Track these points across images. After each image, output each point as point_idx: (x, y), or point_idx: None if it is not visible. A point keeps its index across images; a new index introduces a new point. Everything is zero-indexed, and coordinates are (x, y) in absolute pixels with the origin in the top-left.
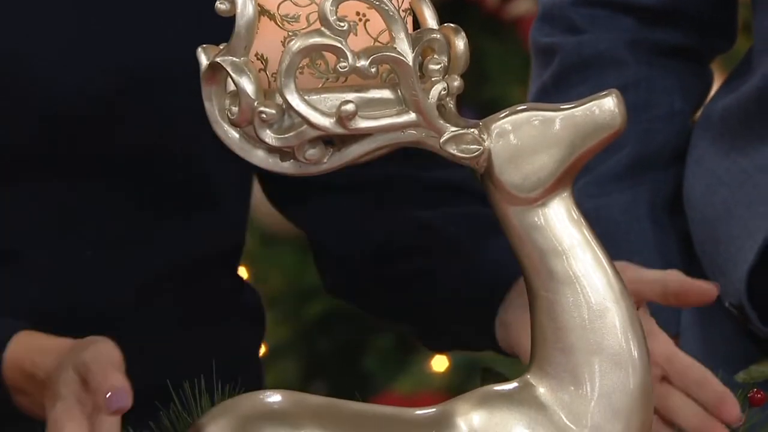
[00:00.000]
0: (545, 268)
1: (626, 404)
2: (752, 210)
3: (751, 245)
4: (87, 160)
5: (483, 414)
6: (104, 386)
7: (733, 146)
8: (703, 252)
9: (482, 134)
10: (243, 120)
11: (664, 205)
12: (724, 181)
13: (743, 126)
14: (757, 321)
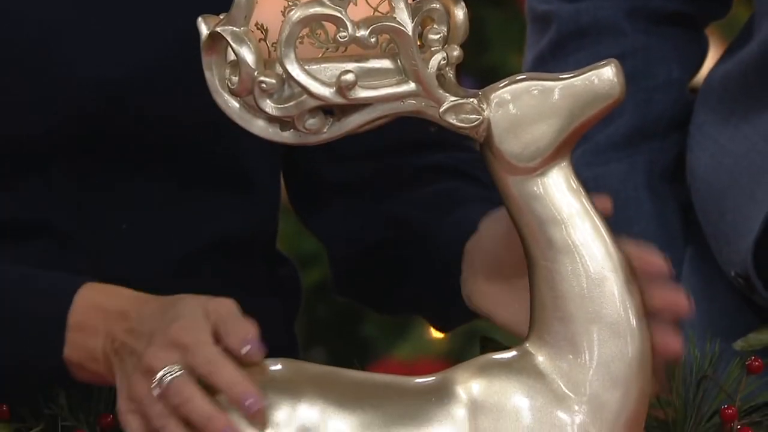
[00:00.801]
0: (544, 237)
1: (624, 372)
2: (758, 179)
3: (757, 215)
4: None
5: (482, 382)
6: (240, 335)
7: (734, 113)
8: (707, 222)
9: (482, 104)
10: (243, 90)
11: (662, 174)
12: (728, 149)
13: (744, 93)
14: (762, 290)
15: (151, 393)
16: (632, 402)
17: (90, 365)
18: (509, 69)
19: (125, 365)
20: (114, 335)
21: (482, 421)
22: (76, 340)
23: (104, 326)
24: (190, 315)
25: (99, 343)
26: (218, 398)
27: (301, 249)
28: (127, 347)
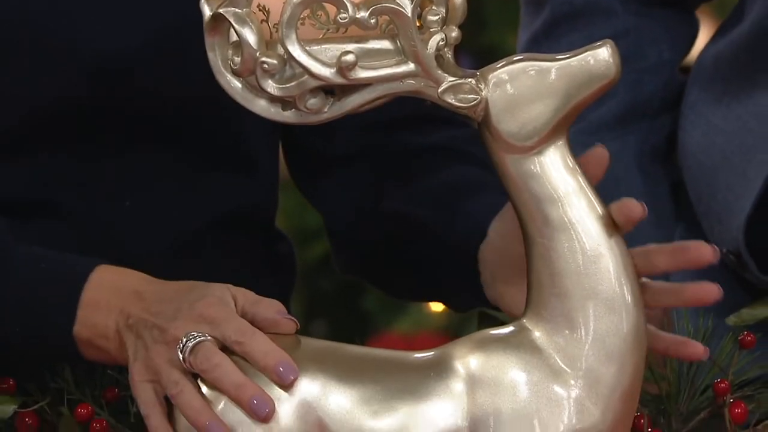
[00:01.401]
0: (541, 215)
1: (620, 347)
2: (749, 157)
3: (748, 193)
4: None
5: (480, 357)
6: (273, 307)
7: (725, 92)
8: (699, 200)
9: (480, 84)
10: (245, 70)
11: (653, 154)
12: (720, 128)
13: (735, 72)
14: (754, 268)
15: (171, 361)
16: (627, 376)
17: (99, 342)
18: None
19: (142, 338)
20: (129, 313)
21: (480, 395)
22: (88, 317)
23: (118, 304)
24: (216, 294)
25: (111, 321)
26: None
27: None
28: (147, 323)
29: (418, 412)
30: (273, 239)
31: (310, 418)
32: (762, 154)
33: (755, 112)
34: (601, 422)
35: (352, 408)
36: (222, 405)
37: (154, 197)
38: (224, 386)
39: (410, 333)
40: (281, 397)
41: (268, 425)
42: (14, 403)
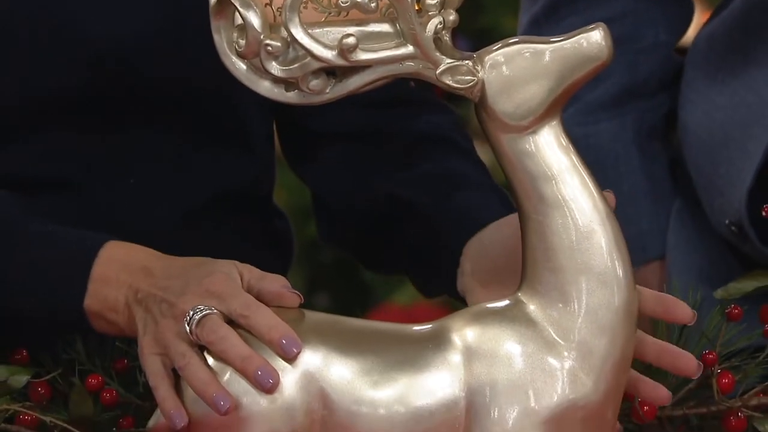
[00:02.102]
0: (535, 193)
1: (611, 320)
2: (748, 132)
3: (749, 166)
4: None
5: (476, 330)
6: (278, 282)
7: (721, 68)
8: (700, 174)
9: (476, 66)
10: (250, 52)
11: (650, 132)
12: (719, 105)
13: (729, 49)
14: (755, 238)
15: (179, 334)
16: (618, 348)
17: (109, 315)
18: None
19: (151, 312)
20: (138, 288)
21: (476, 367)
22: (98, 291)
23: (127, 279)
24: (223, 270)
25: (121, 295)
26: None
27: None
28: (156, 297)
29: (416, 383)
30: (271, 215)
31: (313, 388)
32: (759, 127)
33: (751, 86)
34: (593, 392)
35: (353, 378)
36: (228, 376)
37: (158, 175)
38: (230, 358)
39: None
40: (284, 368)
41: (272, 395)
42: (28, 374)
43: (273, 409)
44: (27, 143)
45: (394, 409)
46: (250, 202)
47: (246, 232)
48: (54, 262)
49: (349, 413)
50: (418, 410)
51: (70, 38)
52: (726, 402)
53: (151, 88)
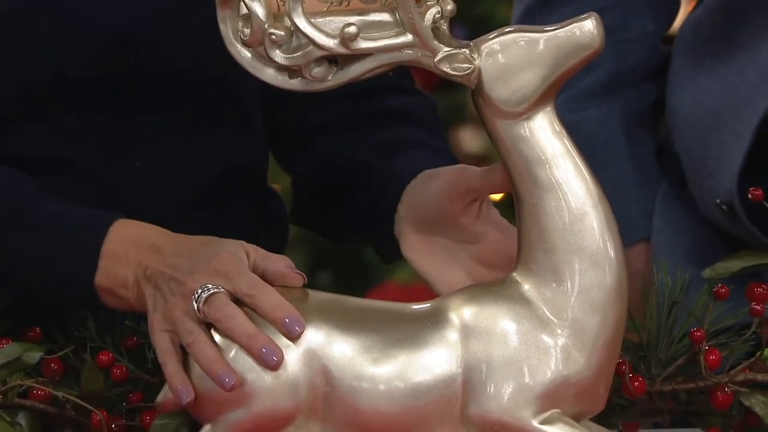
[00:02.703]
0: (530, 176)
1: (603, 299)
2: (737, 114)
3: (739, 147)
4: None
5: (473, 308)
6: (283, 262)
7: (708, 55)
8: (690, 157)
9: (473, 54)
10: (254, 41)
11: (638, 119)
12: (707, 89)
13: (714, 34)
14: (744, 217)
15: (187, 312)
16: (610, 326)
17: (119, 291)
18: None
19: (161, 289)
20: (147, 265)
21: (473, 344)
22: (108, 268)
23: (136, 256)
24: (230, 250)
25: (130, 271)
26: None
27: None
28: (165, 275)
29: (415, 360)
30: (267, 196)
31: (315, 364)
32: (747, 109)
33: (737, 69)
34: (585, 368)
35: (354, 355)
36: (233, 353)
37: (162, 157)
38: (235, 335)
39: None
40: (288, 345)
41: (276, 372)
42: (41, 350)
43: (277, 384)
44: (33, 126)
45: (393, 384)
46: (249, 183)
47: (245, 213)
48: (65, 240)
49: (350, 389)
50: (416, 386)
51: (74, 23)
52: (713, 378)
53: (155, 73)
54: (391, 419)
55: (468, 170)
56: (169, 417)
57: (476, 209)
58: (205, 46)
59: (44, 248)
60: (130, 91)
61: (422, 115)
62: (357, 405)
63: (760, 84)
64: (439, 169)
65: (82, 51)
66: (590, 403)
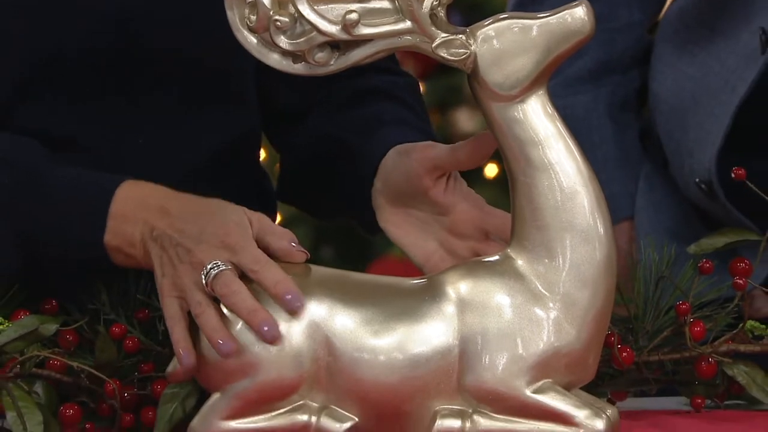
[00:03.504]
0: (523, 157)
1: (593, 274)
2: (715, 97)
3: (717, 129)
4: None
5: (469, 283)
6: (286, 237)
7: (690, 41)
8: (671, 139)
9: (469, 39)
10: (260, 27)
11: (623, 104)
12: (688, 74)
13: (697, 23)
14: (722, 195)
15: (196, 283)
16: (600, 300)
17: (127, 249)
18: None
19: (167, 253)
20: (153, 225)
21: (469, 317)
22: (117, 227)
23: (143, 216)
24: (236, 221)
25: (137, 231)
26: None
27: None
28: (172, 239)
29: (414, 332)
30: (260, 175)
31: (318, 336)
32: (725, 93)
33: (717, 56)
34: (576, 340)
35: (356, 328)
36: (239, 326)
37: (163, 134)
38: (238, 310)
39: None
40: (292, 318)
41: (281, 344)
42: (57, 322)
43: (282, 356)
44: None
45: (393, 355)
46: (245, 160)
47: (242, 189)
48: (76, 202)
49: (351, 359)
50: (415, 357)
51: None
52: (698, 348)
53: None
54: (390, 389)
55: (435, 147)
56: (178, 386)
57: (444, 183)
58: (205, 27)
59: (56, 211)
60: (131, 71)
61: (403, 94)
62: (358, 375)
63: (738, 69)
64: (410, 145)
65: (82, 31)
66: (581, 373)
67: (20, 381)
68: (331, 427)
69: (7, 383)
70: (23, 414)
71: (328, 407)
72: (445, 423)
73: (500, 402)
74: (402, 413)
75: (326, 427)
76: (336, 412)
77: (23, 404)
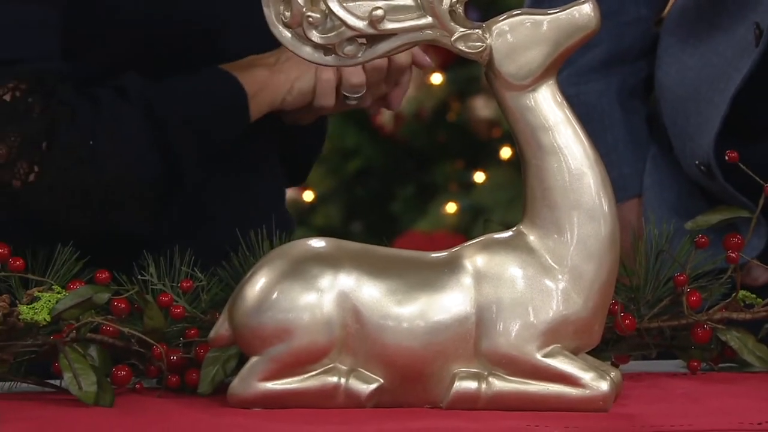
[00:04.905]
0: (535, 141)
1: (598, 248)
2: (714, 86)
3: (715, 115)
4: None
5: (485, 256)
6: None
7: (690, 34)
8: (674, 124)
9: (485, 34)
10: (294, 23)
11: (631, 92)
12: (689, 65)
13: (698, 18)
14: (720, 176)
15: None
16: (605, 272)
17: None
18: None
19: None
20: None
21: (485, 288)
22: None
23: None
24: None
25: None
26: None
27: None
28: None
29: (434, 301)
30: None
31: (347, 305)
32: (723, 82)
33: (715, 49)
34: (583, 309)
35: (381, 297)
36: (275, 295)
37: None
38: None
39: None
40: (324, 289)
41: (312, 310)
42: (109, 292)
43: (314, 323)
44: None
45: (415, 323)
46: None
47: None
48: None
49: (377, 326)
50: (435, 324)
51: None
52: (694, 316)
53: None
54: (413, 353)
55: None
56: (220, 350)
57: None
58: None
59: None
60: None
61: None
62: (383, 341)
63: (734, 60)
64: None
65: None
66: (587, 338)
67: (76, 345)
68: (359, 387)
69: (64, 347)
70: (78, 375)
71: (355, 370)
72: (463, 384)
73: (513, 365)
74: (423, 375)
75: (354, 387)
76: (363, 374)
77: (78, 366)
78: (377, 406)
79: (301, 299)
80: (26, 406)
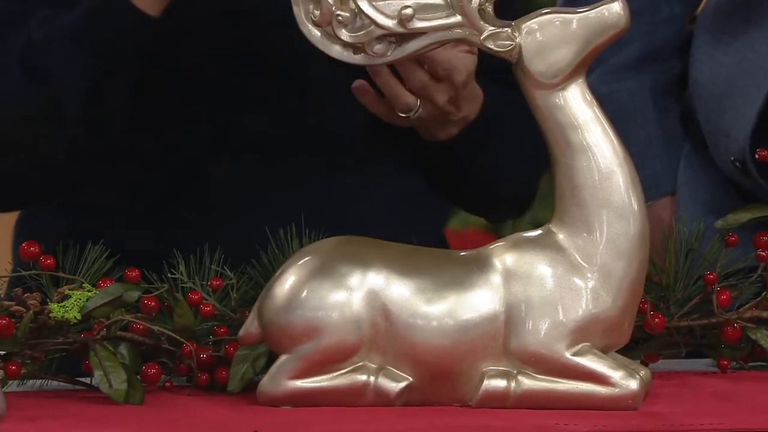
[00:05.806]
0: (564, 140)
1: (628, 247)
2: (749, 82)
3: (751, 110)
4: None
5: (514, 255)
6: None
7: (724, 31)
8: (709, 121)
9: (514, 32)
10: (323, 21)
11: (664, 90)
12: (723, 62)
13: (732, 15)
14: (755, 172)
15: None
16: (634, 270)
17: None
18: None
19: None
20: None
21: (514, 286)
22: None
23: None
24: None
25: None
26: None
27: None
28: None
29: (463, 300)
30: None
31: (377, 303)
32: (758, 78)
33: (750, 45)
34: (612, 308)
35: (410, 296)
36: (305, 293)
37: None
38: None
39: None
40: (353, 287)
41: (341, 308)
42: (139, 290)
43: (343, 321)
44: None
45: (444, 321)
46: None
47: None
48: None
49: (406, 325)
50: (464, 323)
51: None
52: (724, 315)
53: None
54: (442, 351)
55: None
56: (250, 348)
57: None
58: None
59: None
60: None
61: None
62: (412, 339)
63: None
64: None
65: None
66: (616, 337)
67: (106, 343)
68: (388, 386)
69: (95, 345)
70: (109, 373)
71: (385, 368)
72: (492, 383)
73: (542, 364)
74: (452, 374)
75: (383, 386)
76: (392, 373)
77: (109, 364)
78: (406, 405)
79: (330, 297)
80: (57, 403)
